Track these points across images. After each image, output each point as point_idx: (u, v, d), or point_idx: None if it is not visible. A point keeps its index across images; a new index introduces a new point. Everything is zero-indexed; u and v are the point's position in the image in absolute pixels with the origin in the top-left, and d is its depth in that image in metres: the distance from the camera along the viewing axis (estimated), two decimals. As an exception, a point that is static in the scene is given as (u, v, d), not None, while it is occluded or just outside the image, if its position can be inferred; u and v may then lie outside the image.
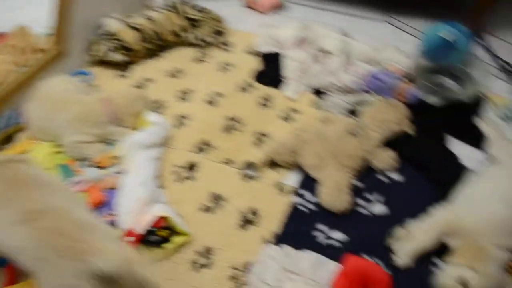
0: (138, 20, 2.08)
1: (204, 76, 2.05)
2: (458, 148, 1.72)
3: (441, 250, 1.35)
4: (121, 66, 2.05)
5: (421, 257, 1.35)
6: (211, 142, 1.74)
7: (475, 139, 1.73)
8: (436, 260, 1.36)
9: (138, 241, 1.35)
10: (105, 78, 2.01)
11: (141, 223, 1.38)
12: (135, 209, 1.41)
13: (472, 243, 1.29)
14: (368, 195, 1.54)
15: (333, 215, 1.47)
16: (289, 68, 1.96)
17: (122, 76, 2.04)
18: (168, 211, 1.43)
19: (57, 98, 1.64)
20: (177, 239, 1.40)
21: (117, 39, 1.99)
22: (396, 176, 1.60)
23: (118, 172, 1.55)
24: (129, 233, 1.35)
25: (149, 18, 2.10)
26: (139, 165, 1.56)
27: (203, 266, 1.37)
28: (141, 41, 2.06)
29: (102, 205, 1.46)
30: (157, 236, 1.39)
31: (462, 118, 1.82)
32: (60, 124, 1.60)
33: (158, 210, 1.42)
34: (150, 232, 1.38)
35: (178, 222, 1.41)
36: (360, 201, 1.52)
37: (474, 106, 1.89)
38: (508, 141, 1.70)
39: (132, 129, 1.69)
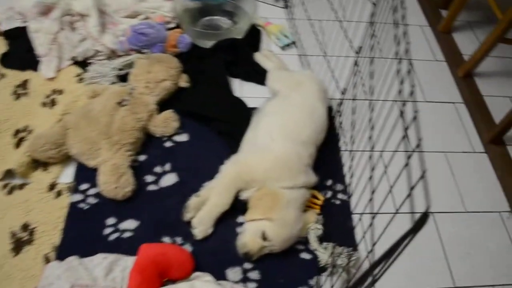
0: None
1: None
2: (243, 89, 1.65)
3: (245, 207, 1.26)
4: None
5: (223, 220, 1.26)
6: (-41, 158, 1.40)
7: (258, 75, 1.66)
8: (241, 219, 1.28)
9: None
10: None
11: None
12: None
13: (263, 192, 1.22)
14: (156, 168, 1.38)
15: (120, 203, 1.29)
16: (39, 42, 1.65)
17: None
18: None
19: None
20: None
21: None
22: (181, 138, 1.47)
23: None
24: None
25: None
26: None
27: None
28: None
29: None
30: None
31: (241, 56, 1.72)
32: None
33: None
34: None
35: None
36: (149, 177, 1.36)
37: (251, 40, 1.82)
38: (286, 71, 1.65)
39: None
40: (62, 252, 1.19)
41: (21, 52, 1.67)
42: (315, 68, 1.70)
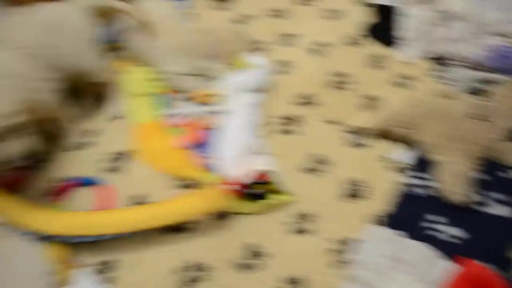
0: None
1: (308, 21, 1.85)
2: None
3: None
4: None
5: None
6: (313, 97, 1.58)
7: None
8: None
9: (241, 191, 1.26)
10: (203, 7, 1.86)
11: (244, 173, 1.28)
12: (239, 156, 1.33)
13: None
14: (488, 192, 1.35)
15: (450, 207, 1.29)
16: (407, 27, 1.74)
17: (222, 8, 1.87)
18: (272, 166, 1.33)
19: (158, 23, 1.51)
20: (274, 198, 1.29)
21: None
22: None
23: (218, 112, 1.45)
24: (232, 182, 1.26)
25: None
26: (242, 109, 1.45)
27: (298, 231, 1.27)
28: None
29: (199, 145, 1.39)
30: (253, 190, 1.28)
31: None
32: (159, 51, 1.50)
33: (262, 163, 1.33)
34: (248, 185, 1.28)
35: (278, 180, 1.31)
36: (479, 197, 1.34)
37: None
38: None
39: (230, 68, 1.56)
40: (387, 222, 1.27)
41: (387, 29, 1.79)
42: None
